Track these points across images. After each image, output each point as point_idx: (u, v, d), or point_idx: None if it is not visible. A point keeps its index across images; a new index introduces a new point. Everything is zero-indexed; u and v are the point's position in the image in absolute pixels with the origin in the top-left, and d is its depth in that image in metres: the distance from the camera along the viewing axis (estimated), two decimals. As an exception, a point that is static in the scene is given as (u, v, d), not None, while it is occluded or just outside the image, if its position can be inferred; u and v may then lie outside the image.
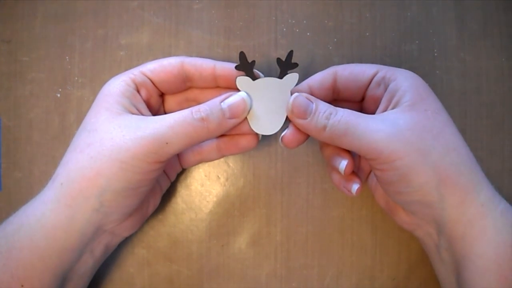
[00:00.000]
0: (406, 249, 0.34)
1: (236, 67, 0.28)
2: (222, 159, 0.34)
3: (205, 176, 0.34)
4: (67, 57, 0.35)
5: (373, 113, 0.29)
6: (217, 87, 0.30)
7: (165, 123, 0.25)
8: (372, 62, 0.34)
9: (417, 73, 0.33)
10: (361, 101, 0.31)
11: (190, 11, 0.35)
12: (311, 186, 0.34)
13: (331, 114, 0.26)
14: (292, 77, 0.28)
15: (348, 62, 0.34)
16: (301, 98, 0.26)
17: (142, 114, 0.28)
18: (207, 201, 0.34)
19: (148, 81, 0.29)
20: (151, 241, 0.34)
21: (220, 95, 0.27)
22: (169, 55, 0.33)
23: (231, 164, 0.34)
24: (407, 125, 0.25)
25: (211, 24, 0.35)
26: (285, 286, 0.34)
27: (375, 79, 0.28)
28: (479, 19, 0.34)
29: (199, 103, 0.27)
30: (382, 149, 0.24)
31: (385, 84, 0.28)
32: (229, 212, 0.34)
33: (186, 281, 0.34)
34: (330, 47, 0.34)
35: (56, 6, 0.35)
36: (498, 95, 0.34)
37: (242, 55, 0.27)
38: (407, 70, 0.28)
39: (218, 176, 0.34)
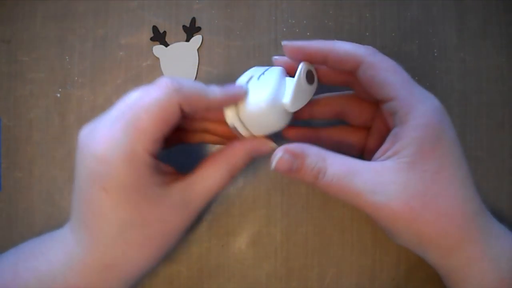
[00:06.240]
0: (406, 249, 0.34)
1: (151, 39, 0.34)
2: (222, 159, 0.34)
3: (205, 176, 0.34)
4: (67, 57, 0.35)
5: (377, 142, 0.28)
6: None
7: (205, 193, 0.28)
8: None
9: (417, 73, 0.33)
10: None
11: (190, 11, 0.35)
12: (311, 186, 0.34)
13: (319, 173, 0.25)
14: (196, 39, 0.34)
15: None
16: (283, 159, 0.25)
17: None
18: (207, 201, 0.34)
19: None
20: (151, 241, 0.34)
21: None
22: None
23: (231, 164, 0.34)
24: (397, 193, 0.24)
25: (211, 24, 0.35)
26: (285, 286, 0.34)
27: (386, 107, 0.26)
28: (479, 19, 0.34)
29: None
30: (372, 213, 0.25)
31: (394, 121, 0.25)
32: (229, 212, 0.34)
33: (186, 281, 0.34)
34: (330, 47, 0.34)
35: (56, 6, 0.35)
36: (498, 95, 0.34)
37: (155, 28, 0.34)
38: (428, 101, 0.25)
39: (218, 176, 0.34)
